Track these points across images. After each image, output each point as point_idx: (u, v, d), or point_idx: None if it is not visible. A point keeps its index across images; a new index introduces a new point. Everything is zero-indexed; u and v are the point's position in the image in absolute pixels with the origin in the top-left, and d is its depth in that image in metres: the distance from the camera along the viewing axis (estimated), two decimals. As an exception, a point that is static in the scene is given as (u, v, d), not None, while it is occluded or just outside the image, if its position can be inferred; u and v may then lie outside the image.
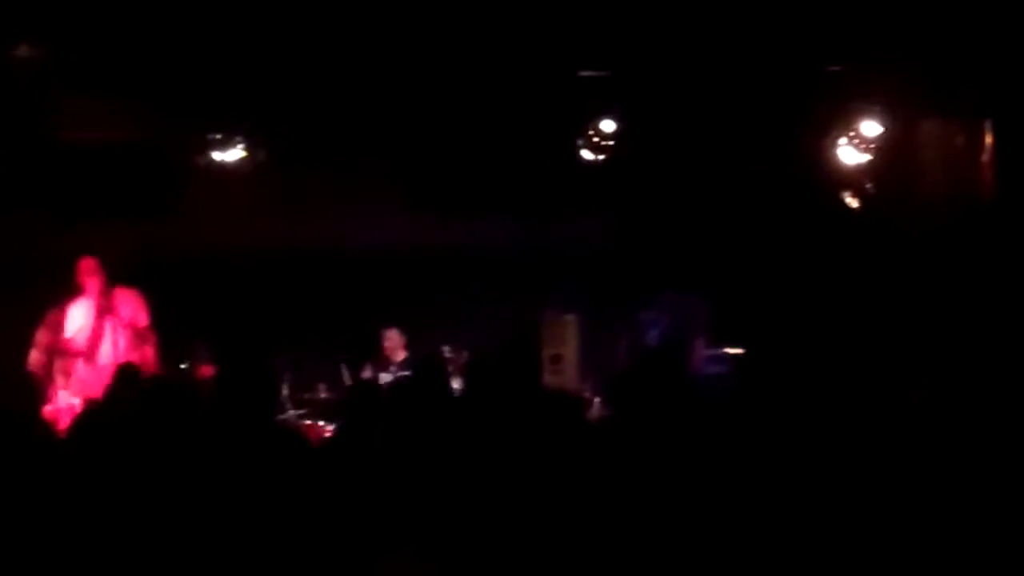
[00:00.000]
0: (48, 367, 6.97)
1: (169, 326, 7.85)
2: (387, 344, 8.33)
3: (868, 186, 8.50)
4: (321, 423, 7.53)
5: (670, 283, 8.93)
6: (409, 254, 9.55)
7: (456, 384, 7.80)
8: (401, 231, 9.53)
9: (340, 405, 6.30)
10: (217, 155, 8.60)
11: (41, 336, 7.03)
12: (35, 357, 6.96)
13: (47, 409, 6.64)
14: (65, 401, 6.77)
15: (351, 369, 8.24)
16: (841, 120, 8.21)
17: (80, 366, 7.08)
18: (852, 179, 8.53)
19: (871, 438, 5.34)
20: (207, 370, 7.34)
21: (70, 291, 7.35)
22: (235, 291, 9.20)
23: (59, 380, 6.88)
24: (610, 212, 9.50)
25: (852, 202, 8.62)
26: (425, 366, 6.27)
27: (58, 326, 7.05)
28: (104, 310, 7.25)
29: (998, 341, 7.20)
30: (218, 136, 8.57)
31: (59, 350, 6.98)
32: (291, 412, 7.72)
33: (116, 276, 7.67)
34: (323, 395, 8.07)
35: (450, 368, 8.13)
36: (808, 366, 6.76)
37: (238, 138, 8.55)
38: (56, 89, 7.71)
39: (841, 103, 8.07)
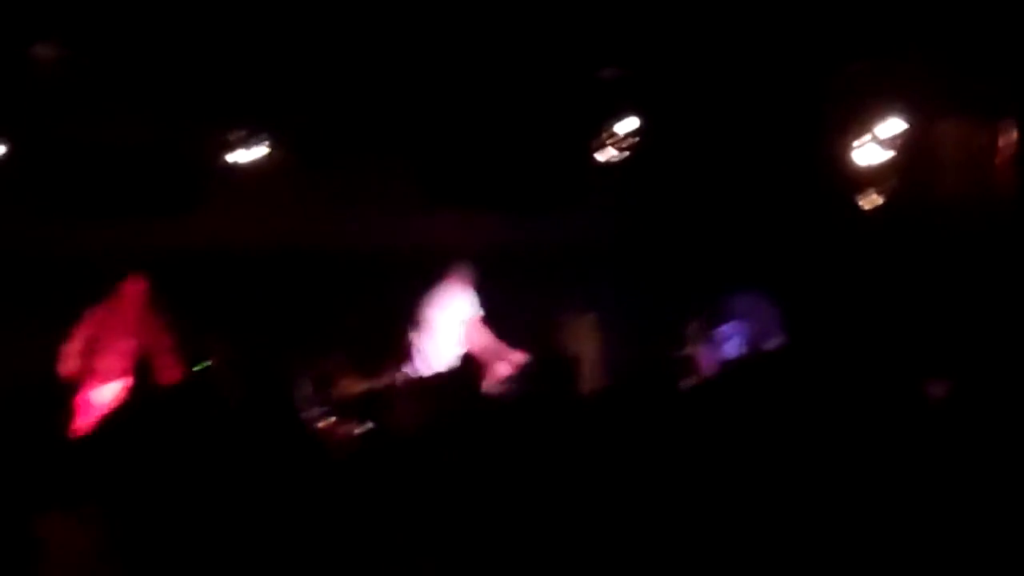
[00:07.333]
0: (84, 367, 6.87)
1: (189, 324, 7.89)
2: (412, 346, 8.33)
3: (888, 184, 8.52)
4: (344, 421, 7.55)
5: (688, 281, 8.96)
6: (428, 252, 9.59)
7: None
8: (420, 229, 9.58)
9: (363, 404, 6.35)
10: (235, 155, 8.67)
11: (77, 337, 6.92)
12: (70, 358, 6.85)
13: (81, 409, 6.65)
14: (99, 398, 6.72)
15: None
16: (861, 119, 8.22)
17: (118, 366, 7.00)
18: (872, 178, 8.55)
19: (891, 432, 5.37)
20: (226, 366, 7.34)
21: (102, 292, 7.28)
22: (258, 289, 9.23)
23: (97, 378, 6.80)
24: (628, 210, 9.53)
25: (873, 200, 8.63)
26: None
27: (96, 326, 6.95)
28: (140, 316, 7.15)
29: (1017, 337, 7.21)
30: (237, 135, 8.64)
31: (96, 350, 6.88)
32: (315, 410, 7.74)
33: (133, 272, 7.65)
34: (346, 393, 8.07)
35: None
36: (828, 363, 6.78)
37: (256, 137, 8.62)
38: (76, 89, 7.78)
39: (861, 102, 8.09)
